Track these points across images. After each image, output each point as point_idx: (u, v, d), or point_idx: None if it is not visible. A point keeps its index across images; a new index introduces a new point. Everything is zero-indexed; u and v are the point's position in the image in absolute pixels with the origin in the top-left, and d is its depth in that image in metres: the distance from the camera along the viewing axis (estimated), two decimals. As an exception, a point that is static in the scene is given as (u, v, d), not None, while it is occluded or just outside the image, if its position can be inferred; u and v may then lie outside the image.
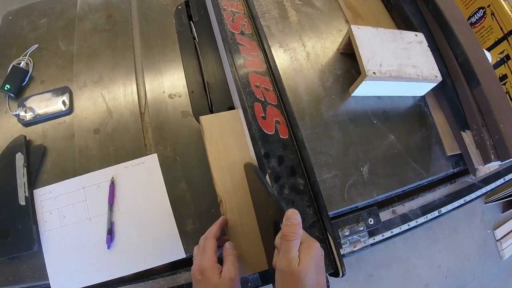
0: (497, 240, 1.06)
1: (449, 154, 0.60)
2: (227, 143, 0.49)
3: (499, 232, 1.09)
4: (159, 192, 0.50)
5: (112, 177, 0.50)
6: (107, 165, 0.51)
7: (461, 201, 0.62)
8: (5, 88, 0.57)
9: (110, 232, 0.47)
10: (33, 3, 0.64)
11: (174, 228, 0.48)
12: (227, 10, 0.58)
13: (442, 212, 0.60)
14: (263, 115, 0.50)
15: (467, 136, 0.59)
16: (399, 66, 0.57)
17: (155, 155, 0.51)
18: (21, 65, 0.58)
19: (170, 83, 0.56)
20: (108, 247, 0.47)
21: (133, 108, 0.54)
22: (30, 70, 0.59)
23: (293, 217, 0.36)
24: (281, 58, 0.60)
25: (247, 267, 0.43)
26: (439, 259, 1.21)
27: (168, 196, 0.49)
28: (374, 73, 0.54)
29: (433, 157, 0.60)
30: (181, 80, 0.56)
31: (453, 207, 0.61)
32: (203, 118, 0.50)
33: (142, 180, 0.50)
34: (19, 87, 0.57)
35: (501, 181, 0.66)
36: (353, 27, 0.58)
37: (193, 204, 0.49)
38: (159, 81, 0.56)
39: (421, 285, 1.16)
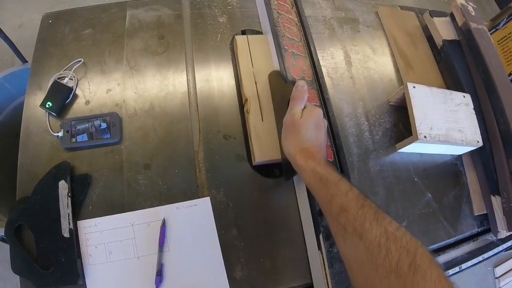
0: (496, 278, 1.19)
1: (476, 214, 0.69)
2: (256, 58, 0.64)
3: (499, 270, 1.21)
4: (210, 237, 0.54)
5: (164, 218, 0.53)
6: (157, 203, 0.54)
7: (480, 258, 0.71)
8: (47, 106, 0.57)
9: (160, 274, 0.52)
10: (76, 8, 0.63)
11: (223, 273, 0.53)
12: (288, 52, 0.61)
13: (463, 268, 0.69)
14: (320, 172, 0.55)
15: (496, 201, 0.67)
16: (447, 130, 0.63)
17: (208, 198, 0.55)
18: (64, 81, 0.59)
19: (226, 122, 0.59)
20: (157, 287, 0.51)
21: (187, 145, 0.57)
22: (74, 88, 0.59)
23: (301, 85, 0.50)
24: (336, 106, 0.65)
25: (266, 155, 0.57)
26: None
27: (219, 241, 0.53)
28: (425, 136, 0.60)
29: (462, 216, 0.68)
30: (237, 120, 0.60)
31: (473, 263, 0.70)
32: (238, 38, 0.65)
33: (194, 223, 0.54)
34: (61, 105, 0.58)
35: (517, 239, 0.76)
36: (409, 86, 0.63)
37: (243, 251, 0.54)
38: (214, 118, 0.59)
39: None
